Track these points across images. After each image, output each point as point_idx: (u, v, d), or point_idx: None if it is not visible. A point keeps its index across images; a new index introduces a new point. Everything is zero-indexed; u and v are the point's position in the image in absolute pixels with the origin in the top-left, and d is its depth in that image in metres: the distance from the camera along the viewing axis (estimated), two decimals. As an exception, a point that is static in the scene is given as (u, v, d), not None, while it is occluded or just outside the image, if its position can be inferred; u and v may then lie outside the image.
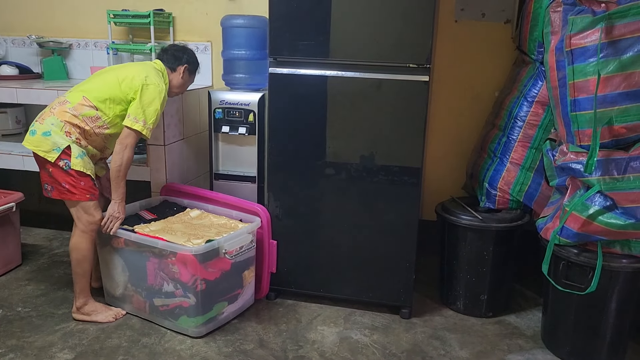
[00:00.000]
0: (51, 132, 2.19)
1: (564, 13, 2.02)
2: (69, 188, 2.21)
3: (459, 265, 2.47)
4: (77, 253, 2.29)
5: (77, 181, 2.21)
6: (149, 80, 2.28)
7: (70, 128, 2.22)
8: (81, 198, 2.23)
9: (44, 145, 2.18)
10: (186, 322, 2.25)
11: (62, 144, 2.18)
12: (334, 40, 2.29)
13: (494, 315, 2.51)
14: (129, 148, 2.25)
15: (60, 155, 2.17)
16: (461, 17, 2.88)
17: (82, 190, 2.22)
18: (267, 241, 2.49)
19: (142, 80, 2.27)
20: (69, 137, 2.21)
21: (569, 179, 2.09)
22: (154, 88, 2.27)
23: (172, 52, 2.48)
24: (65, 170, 2.19)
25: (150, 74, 2.30)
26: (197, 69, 2.57)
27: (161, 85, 2.31)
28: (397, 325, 2.42)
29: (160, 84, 2.32)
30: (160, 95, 2.28)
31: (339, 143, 2.38)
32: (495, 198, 2.50)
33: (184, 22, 3.16)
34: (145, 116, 2.24)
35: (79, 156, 2.20)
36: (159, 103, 2.28)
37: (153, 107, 2.26)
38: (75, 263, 2.31)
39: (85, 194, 2.23)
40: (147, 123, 2.25)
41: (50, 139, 2.18)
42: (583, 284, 2.03)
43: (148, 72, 2.32)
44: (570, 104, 2.00)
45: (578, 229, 2.00)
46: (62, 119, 2.21)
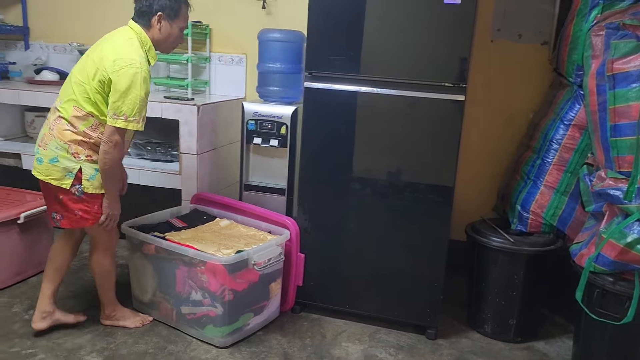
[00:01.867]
0: (58, 157, 2.04)
1: (607, 37, 2.00)
2: (82, 215, 2.10)
3: (488, 287, 2.43)
4: (100, 269, 2.28)
5: (90, 205, 2.10)
6: (117, 65, 1.97)
7: (77, 147, 2.05)
8: (96, 221, 2.14)
9: (54, 174, 2.05)
10: (212, 331, 2.26)
11: (74, 168, 2.04)
12: (369, 57, 2.30)
13: (523, 341, 2.46)
14: (118, 146, 2.02)
15: (74, 180, 2.05)
16: (497, 37, 2.87)
17: (96, 214, 2.12)
18: (295, 254, 2.49)
19: (111, 67, 1.97)
20: (77, 158, 2.05)
21: (606, 206, 2.05)
22: (125, 72, 1.96)
23: (139, 8, 2.10)
24: (78, 197, 2.07)
25: (119, 54, 1.99)
26: (179, 8, 2.14)
27: (134, 62, 1.98)
28: (422, 346, 2.39)
29: (133, 61, 1.98)
30: (136, 76, 1.97)
31: (371, 159, 2.38)
32: (527, 221, 2.46)
33: (221, 34, 3.21)
34: (125, 109, 1.97)
35: (91, 177, 2.07)
36: (138, 86, 1.97)
37: (131, 96, 1.96)
38: (99, 278, 2.30)
39: (100, 217, 2.14)
40: (130, 116, 1.98)
41: (59, 165, 2.04)
42: (618, 313, 1.97)
43: (117, 51, 2.00)
44: (610, 129, 1.97)
45: (615, 257, 1.96)
46: (65, 140, 2.04)
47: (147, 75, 2.02)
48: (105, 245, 2.24)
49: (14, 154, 3.07)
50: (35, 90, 3.02)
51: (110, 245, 2.26)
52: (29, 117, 3.33)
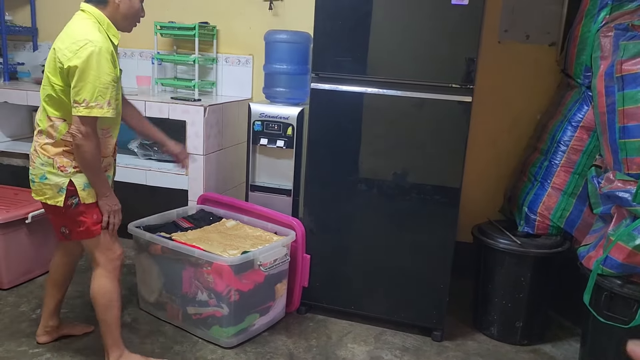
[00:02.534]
0: (46, 174, 1.89)
1: (615, 38, 1.98)
2: (88, 226, 1.93)
3: (495, 289, 2.42)
4: (103, 298, 1.99)
5: (89, 215, 1.92)
6: (71, 50, 1.76)
7: (61, 160, 1.88)
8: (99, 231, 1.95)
9: (47, 192, 1.90)
10: (218, 332, 2.26)
11: (63, 182, 1.88)
12: (376, 58, 2.30)
13: (529, 344, 2.44)
14: (89, 138, 1.80)
15: (66, 195, 1.89)
16: (505, 38, 2.86)
17: (97, 224, 1.94)
18: (301, 255, 2.49)
19: (65, 55, 1.77)
20: (65, 172, 1.88)
21: (615, 208, 2.03)
22: (79, 54, 1.74)
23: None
24: (75, 209, 1.90)
25: (72, 38, 1.79)
26: None
27: (88, 42, 1.76)
28: (428, 348, 2.38)
29: (87, 40, 1.76)
30: (92, 55, 1.74)
31: (377, 160, 2.38)
32: (534, 223, 2.45)
33: (228, 35, 3.22)
34: (84, 94, 1.75)
35: (86, 186, 1.90)
36: (95, 66, 1.75)
37: (90, 78, 1.75)
38: (101, 310, 1.99)
39: (100, 226, 1.95)
40: (91, 101, 1.75)
41: (48, 182, 1.89)
42: (627, 316, 1.96)
43: (69, 36, 1.81)
44: (618, 131, 1.96)
45: (623, 260, 1.94)
46: (48, 154, 1.88)
47: (108, 54, 1.78)
48: (106, 266, 1.99)
49: (22, 154, 3.09)
50: (44, 91, 3.03)
51: (112, 266, 1.99)
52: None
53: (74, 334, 2.29)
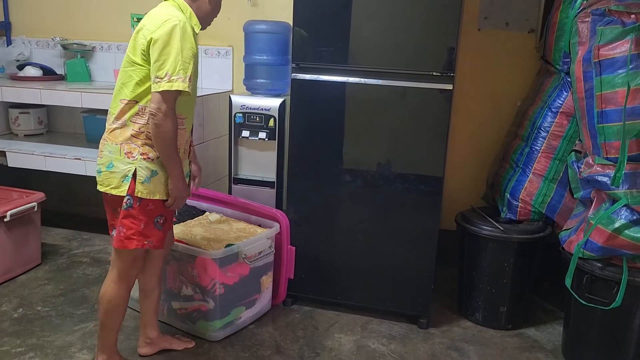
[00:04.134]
0: (113, 162, 1.81)
1: (593, 24, 1.99)
2: (125, 233, 1.82)
3: (479, 276, 2.45)
4: (109, 303, 1.91)
5: (137, 222, 1.81)
6: (154, 25, 1.74)
7: (129, 146, 1.81)
8: (139, 244, 1.83)
9: (113, 181, 1.81)
10: (204, 326, 2.25)
11: (129, 170, 1.80)
12: (356, 47, 2.29)
13: (514, 328, 2.48)
14: (169, 116, 1.74)
15: (129, 186, 1.79)
16: (484, 25, 2.87)
17: (142, 235, 1.82)
18: (286, 247, 2.49)
19: (149, 31, 1.74)
20: (131, 158, 1.80)
21: (594, 192, 2.06)
22: (163, 27, 1.72)
23: None
24: (126, 210, 1.81)
25: (156, 18, 1.77)
26: None
27: (172, 17, 1.74)
28: (414, 335, 2.40)
29: (170, 16, 1.75)
30: (175, 28, 1.72)
31: (360, 150, 2.37)
32: (516, 209, 2.47)
33: (206, 26, 3.17)
34: (167, 67, 1.71)
35: (146, 180, 1.80)
36: (178, 38, 1.71)
37: (172, 49, 1.71)
38: (104, 313, 1.92)
39: (143, 239, 1.83)
40: (173, 74, 1.71)
41: (115, 170, 1.81)
42: (607, 298, 1.99)
43: (154, 18, 1.77)
44: (597, 116, 1.98)
45: (603, 243, 1.97)
46: (116, 141, 1.82)
47: (191, 32, 1.76)
48: (124, 273, 1.91)
49: None
50: (19, 87, 2.97)
51: (130, 274, 1.92)
52: (13, 114, 3.28)
53: (174, 348, 2.19)
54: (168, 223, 1.94)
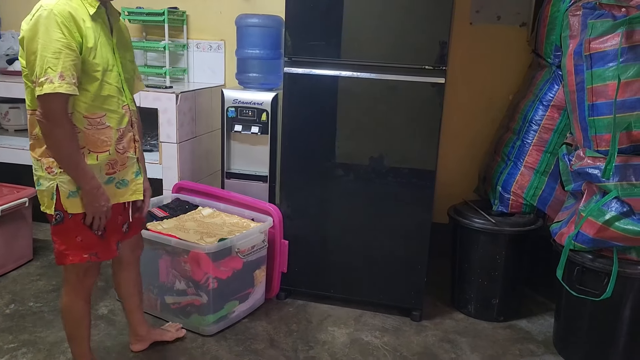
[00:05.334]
0: (39, 179, 1.67)
1: (584, 17, 2.00)
2: (58, 248, 1.68)
3: (471, 268, 2.46)
4: (70, 317, 1.83)
5: (72, 232, 1.66)
6: (26, 21, 1.55)
7: (47, 160, 1.63)
8: (75, 259, 1.68)
9: (45, 200, 1.67)
10: (197, 320, 2.25)
11: (52, 186, 1.64)
12: (349, 41, 2.28)
13: (505, 320, 2.50)
14: (57, 122, 1.54)
15: (55, 204, 1.64)
16: (476, 19, 2.87)
17: (77, 248, 1.67)
18: (279, 241, 2.49)
19: (22, 32, 1.55)
20: (51, 173, 1.63)
21: (585, 184, 2.08)
22: (31, 26, 1.52)
23: None
24: (56, 225, 1.67)
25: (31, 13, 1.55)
26: None
27: (41, 7, 1.52)
28: (407, 328, 2.41)
29: (40, 6, 1.53)
30: (39, 20, 1.50)
31: (353, 144, 2.37)
32: (508, 202, 2.49)
33: (198, 20, 3.16)
34: (36, 68, 1.50)
35: (71, 194, 1.64)
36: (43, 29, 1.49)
37: (38, 46, 1.49)
38: (69, 328, 1.85)
39: (81, 252, 1.68)
40: (40, 76, 1.49)
41: (42, 188, 1.66)
42: (598, 290, 2.01)
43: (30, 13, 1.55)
44: (588, 109, 1.99)
45: (594, 235, 1.99)
46: (36, 156, 1.66)
47: (61, 17, 1.51)
48: (77, 285, 1.78)
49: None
50: (9, 81, 2.95)
51: (83, 286, 1.79)
52: (3, 109, 3.25)
53: (165, 339, 2.18)
54: (114, 231, 1.79)
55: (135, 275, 2.05)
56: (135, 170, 1.82)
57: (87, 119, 1.63)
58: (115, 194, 1.76)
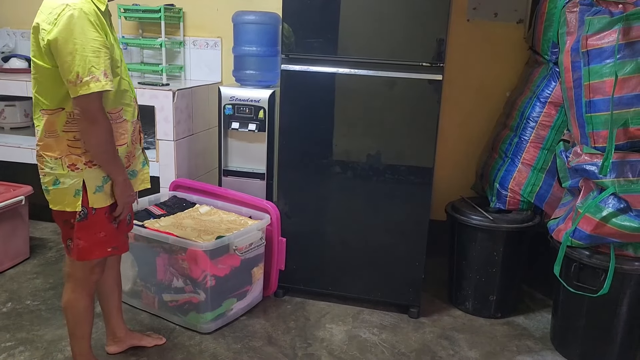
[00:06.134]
0: (58, 178, 1.66)
1: (581, 13, 2.00)
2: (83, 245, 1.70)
3: (469, 265, 2.47)
4: (73, 313, 1.83)
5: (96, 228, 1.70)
6: (50, 19, 1.52)
7: (70, 157, 1.64)
8: (100, 254, 1.74)
9: (66, 198, 1.66)
10: (195, 318, 2.25)
11: (78, 183, 1.65)
12: (346, 37, 2.28)
13: (503, 316, 2.50)
14: (97, 121, 1.58)
15: (82, 199, 1.66)
16: (473, 16, 2.87)
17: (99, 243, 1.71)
18: (276, 238, 2.49)
19: (43, 33, 1.54)
20: (76, 170, 1.65)
21: (582, 181, 2.08)
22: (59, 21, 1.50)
23: None
24: (79, 221, 1.68)
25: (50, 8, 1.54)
26: None
27: (66, 5, 1.51)
28: (405, 325, 2.41)
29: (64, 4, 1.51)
30: (71, 19, 1.50)
31: (350, 141, 2.37)
32: (505, 199, 2.49)
33: (195, 17, 3.15)
34: (76, 67, 1.51)
35: (98, 189, 1.68)
36: (79, 29, 1.50)
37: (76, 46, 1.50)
38: (71, 324, 1.85)
39: (105, 247, 1.73)
40: (84, 75, 1.50)
41: (62, 187, 1.66)
42: (595, 286, 2.02)
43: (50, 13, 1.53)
44: (585, 105, 1.99)
45: (591, 231, 1.99)
46: (54, 155, 1.65)
47: (92, 16, 1.54)
48: (82, 281, 1.80)
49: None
50: (5, 79, 2.93)
51: (90, 282, 1.81)
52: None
53: (144, 345, 2.13)
54: (124, 223, 1.82)
55: (117, 273, 2.03)
56: (142, 160, 1.87)
57: (110, 114, 1.66)
58: None
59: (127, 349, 2.12)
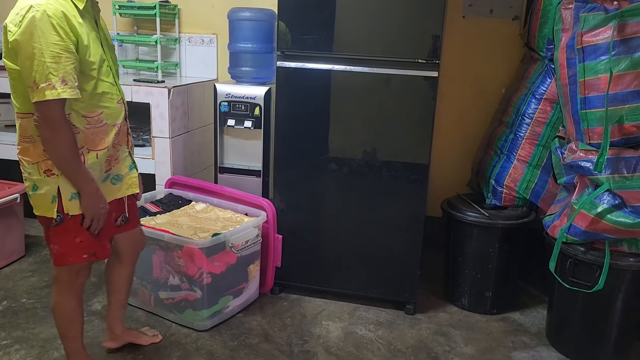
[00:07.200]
0: (36, 183, 1.62)
1: (576, 10, 2.01)
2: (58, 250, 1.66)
3: (464, 262, 2.47)
4: (62, 315, 1.81)
5: (71, 233, 1.64)
6: (13, 25, 1.48)
7: (46, 163, 1.60)
8: (75, 260, 1.68)
9: (44, 204, 1.63)
10: (191, 315, 2.25)
11: (54, 189, 1.61)
12: (342, 34, 2.28)
13: (499, 312, 2.51)
14: (57, 128, 1.51)
15: (57, 206, 1.62)
16: (469, 13, 2.87)
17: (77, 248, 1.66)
18: (273, 235, 2.49)
19: (9, 35, 1.49)
20: (52, 176, 1.60)
21: (578, 177, 2.09)
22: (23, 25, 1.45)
23: None
24: (56, 226, 1.64)
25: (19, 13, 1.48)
26: None
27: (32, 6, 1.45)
28: (401, 321, 2.42)
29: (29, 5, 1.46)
30: (33, 21, 1.44)
31: (346, 138, 2.37)
32: (501, 195, 2.50)
33: (190, 14, 3.14)
34: (34, 73, 1.45)
35: (73, 196, 1.62)
36: (39, 33, 1.44)
37: (34, 50, 1.44)
38: (61, 326, 1.83)
39: (81, 253, 1.67)
40: (41, 81, 1.45)
41: (40, 192, 1.62)
42: (590, 282, 2.03)
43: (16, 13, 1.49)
44: (580, 102, 2.00)
45: (586, 227, 2.00)
46: (31, 160, 1.61)
47: (56, 19, 1.46)
48: (68, 283, 1.76)
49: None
50: (-2, 76, 2.92)
51: (75, 284, 1.77)
52: (-8, 104, 3.22)
53: (140, 343, 2.12)
54: (108, 229, 1.76)
55: (130, 272, 2.02)
56: (129, 164, 1.81)
57: (85, 118, 1.61)
58: (111, 191, 1.75)
59: (124, 347, 2.12)
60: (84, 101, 1.59)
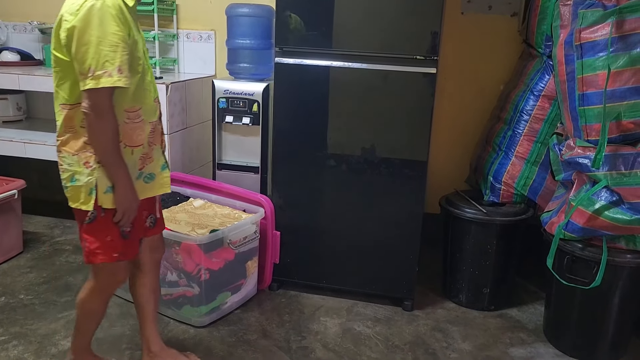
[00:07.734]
0: (75, 175, 1.62)
1: (574, 6, 2.00)
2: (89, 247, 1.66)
3: (462, 258, 2.47)
4: (84, 311, 1.81)
5: (103, 232, 1.64)
6: (72, 11, 1.48)
7: (85, 154, 1.60)
8: (106, 258, 1.66)
9: (81, 196, 1.61)
10: (189, 311, 2.25)
11: (92, 181, 1.60)
12: (340, 30, 2.27)
13: (496, 309, 2.51)
14: (103, 116, 1.52)
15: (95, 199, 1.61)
16: (468, 9, 2.87)
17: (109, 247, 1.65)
18: (271, 232, 2.49)
19: (64, 23, 1.50)
20: (89, 168, 1.60)
21: (575, 174, 2.09)
22: (81, 13, 1.46)
23: None
24: (88, 224, 1.63)
25: (75, 2, 1.49)
26: None
27: (92, 0, 1.47)
28: (399, 317, 2.42)
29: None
30: (92, 10, 1.46)
31: (345, 135, 2.37)
32: (499, 192, 2.50)
33: (188, 10, 3.13)
34: (89, 60, 1.46)
35: (108, 190, 1.61)
36: (97, 22, 1.46)
37: (92, 38, 1.46)
38: (79, 320, 1.83)
39: (111, 252, 1.66)
40: (97, 68, 1.46)
41: (78, 184, 1.61)
42: (587, 278, 2.03)
43: (72, 3, 1.50)
44: (578, 99, 2.00)
45: (584, 224, 2.00)
46: (72, 151, 1.62)
47: (115, 10, 1.49)
48: (103, 286, 1.76)
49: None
50: (-4, 72, 2.91)
51: (108, 288, 1.79)
52: (-10, 100, 3.21)
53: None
54: (139, 228, 1.76)
55: (152, 281, 1.91)
56: (162, 163, 1.79)
57: (127, 112, 1.61)
58: (144, 189, 1.72)
59: (122, 343, 2.11)
60: (129, 95, 1.60)
